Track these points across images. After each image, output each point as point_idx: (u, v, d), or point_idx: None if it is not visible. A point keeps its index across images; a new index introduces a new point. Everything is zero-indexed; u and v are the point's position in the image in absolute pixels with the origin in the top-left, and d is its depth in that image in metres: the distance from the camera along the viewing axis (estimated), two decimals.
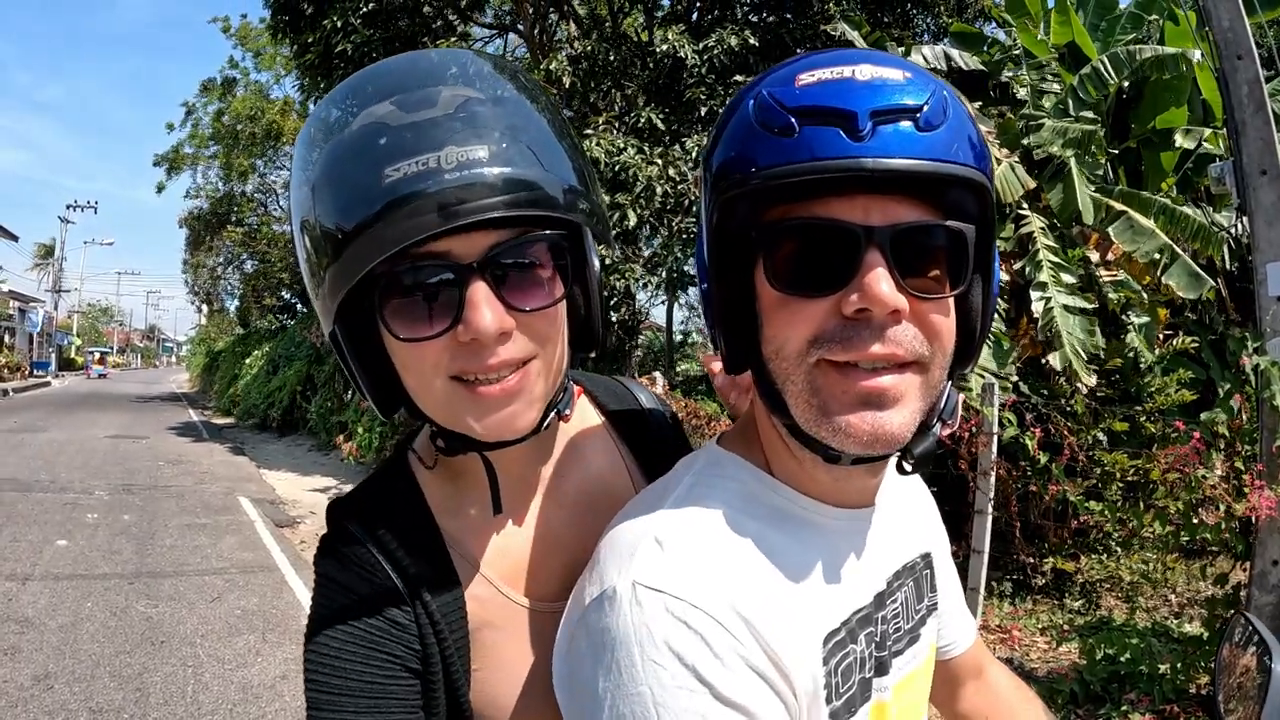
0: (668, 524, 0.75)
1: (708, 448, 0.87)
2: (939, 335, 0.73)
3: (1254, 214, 3.57)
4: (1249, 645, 1.17)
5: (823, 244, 0.70)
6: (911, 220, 0.70)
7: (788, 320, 0.72)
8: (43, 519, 8.51)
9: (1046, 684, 4.42)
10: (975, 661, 1.11)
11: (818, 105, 0.68)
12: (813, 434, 0.73)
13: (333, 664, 0.80)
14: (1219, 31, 3.56)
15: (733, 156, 0.73)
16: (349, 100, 0.79)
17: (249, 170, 26.62)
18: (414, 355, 0.77)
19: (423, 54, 0.84)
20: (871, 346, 0.69)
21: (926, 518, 1.02)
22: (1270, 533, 3.66)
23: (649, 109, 9.50)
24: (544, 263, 0.78)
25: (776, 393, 0.75)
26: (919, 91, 0.69)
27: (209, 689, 4.62)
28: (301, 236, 0.78)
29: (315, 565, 0.87)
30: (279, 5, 11.96)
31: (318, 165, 0.77)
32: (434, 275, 0.74)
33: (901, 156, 0.67)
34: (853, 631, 0.79)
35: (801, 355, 0.72)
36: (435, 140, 0.71)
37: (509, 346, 0.76)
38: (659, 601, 0.68)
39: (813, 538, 0.80)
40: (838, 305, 0.70)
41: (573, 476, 0.95)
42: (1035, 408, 5.57)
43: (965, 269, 0.73)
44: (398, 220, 0.69)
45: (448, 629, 0.82)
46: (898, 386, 0.71)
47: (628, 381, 1.11)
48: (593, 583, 0.73)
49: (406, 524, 0.86)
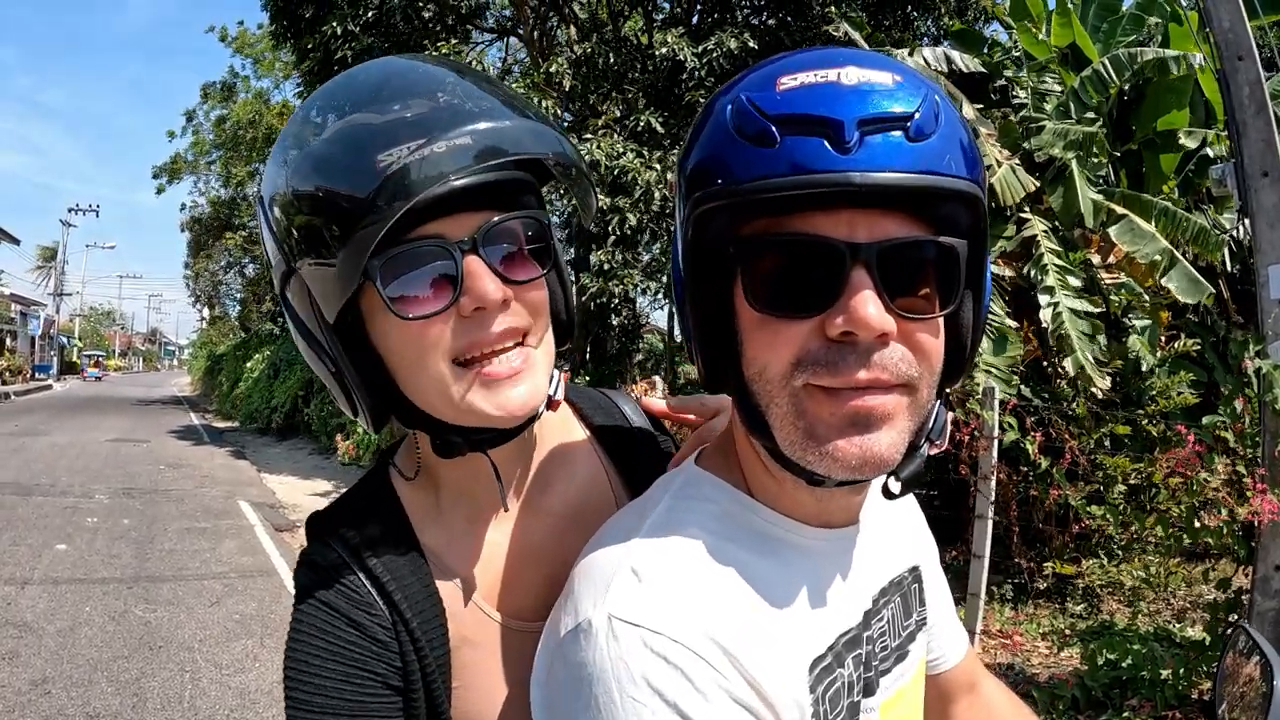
0: (644, 553, 0.71)
1: (685, 466, 0.84)
2: (927, 356, 0.69)
3: (1255, 216, 3.54)
4: (1251, 655, 1.16)
5: (806, 261, 0.66)
6: (900, 236, 0.66)
7: (769, 341, 0.69)
8: (43, 523, 8.52)
9: (1048, 689, 4.40)
10: (968, 676, 1.07)
11: (800, 113, 0.64)
12: (797, 459, 0.70)
13: (313, 681, 0.79)
14: (1220, 33, 3.54)
15: (708, 165, 0.69)
16: (326, 106, 0.81)
17: (249, 176, 26.63)
18: (415, 337, 0.77)
19: (385, 64, 0.86)
20: (858, 372, 0.65)
21: (914, 530, 0.99)
22: (1273, 537, 3.63)
23: (648, 113, 9.50)
24: (525, 242, 0.81)
25: (759, 415, 0.71)
26: (909, 97, 0.65)
27: (206, 694, 4.60)
28: (289, 231, 0.78)
29: (295, 580, 0.86)
30: (278, 11, 11.98)
31: (306, 163, 0.78)
32: (430, 255, 0.76)
33: (891, 169, 0.63)
34: (839, 655, 0.77)
35: (785, 378, 0.68)
36: (419, 129, 0.74)
37: (508, 316, 0.78)
38: (636, 636, 0.65)
39: (795, 560, 0.77)
40: (821, 326, 0.66)
41: (556, 489, 0.94)
42: (1036, 411, 5.55)
43: (957, 286, 0.70)
44: (396, 191, 0.72)
45: (428, 646, 0.82)
46: (885, 405, 0.67)
47: (613, 394, 1.09)
48: (568, 612, 0.71)
49: (386, 539, 0.85)
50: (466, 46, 11.45)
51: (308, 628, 0.81)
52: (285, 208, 0.78)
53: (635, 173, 8.60)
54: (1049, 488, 5.22)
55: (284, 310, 0.85)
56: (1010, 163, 6.56)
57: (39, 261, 54.12)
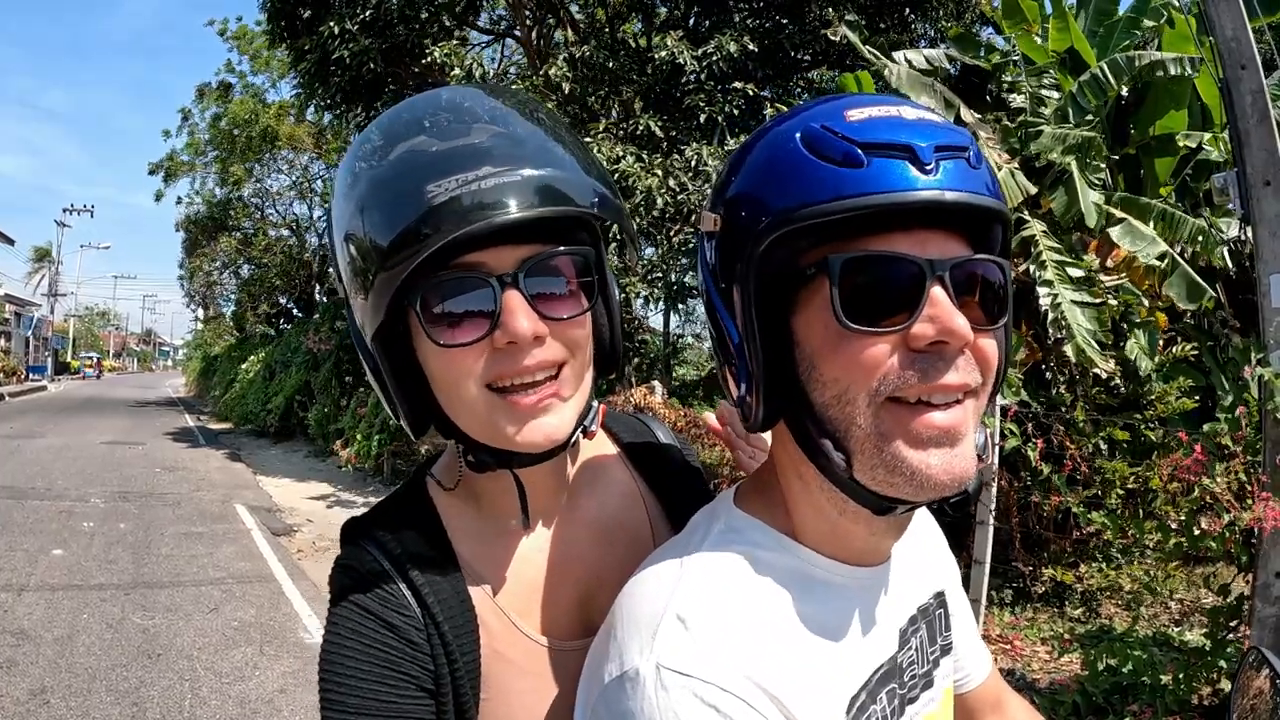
0: (688, 599, 0.72)
1: (726, 508, 0.84)
2: (990, 364, 0.72)
3: (1257, 225, 3.55)
4: (1262, 669, 1.18)
5: (889, 278, 0.68)
6: (965, 255, 0.70)
7: (853, 359, 0.69)
8: (38, 528, 8.48)
9: (1049, 695, 4.41)
10: (993, 695, 1.08)
11: (882, 138, 0.68)
12: (878, 484, 0.70)
13: (349, 683, 0.80)
14: (1223, 41, 3.54)
15: (775, 190, 0.71)
16: (389, 129, 0.84)
17: (244, 177, 26.53)
18: (451, 363, 0.79)
19: (457, 90, 0.89)
20: (946, 376, 0.68)
21: (938, 553, 1.00)
22: (1274, 544, 3.63)
23: (647, 116, 9.48)
24: (571, 276, 0.83)
25: (836, 441, 0.71)
26: (960, 133, 0.70)
27: (206, 704, 4.58)
28: (345, 247, 0.82)
29: (330, 585, 0.88)
30: (275, 10, 11.94)
31: (362, 186, 0.81)
32: (470, 285, 0.78)
33: (966, 190, 0.67)
34: (873, 691, 0.78)
35: (871, 395, 0.69)
36: (474, 161, 0.76)
37: (542, 350, 0.79)
38: (686, 686, 0.66)
39: (833, 600, 0.78)
40: (903, 340, 0.68)
41: (589, 506, 0.96)
42: (1036, 417, 5.55)
43: (1006, 301, 0.73)
44: (440, 223, 0.74)
45: (459, 652, 0.83)
46: (964, 420, 0.70)
47: (647, 419, 1.12)
48: (613, 659, 0.71)
49: (421, 546, 0.87)
50: (463, 48, 11.40)
51: (343, 629, 0.82)
52: (342, 230, 0.83)
53: (635, 177, 8.58)
54: (1049, 494, 5.22)
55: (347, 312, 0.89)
56: (1010, 166, 6.57)
57: (33, 262, 53.99)
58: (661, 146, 9.43)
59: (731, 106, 9.47)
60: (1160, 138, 7.65)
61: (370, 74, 11.29)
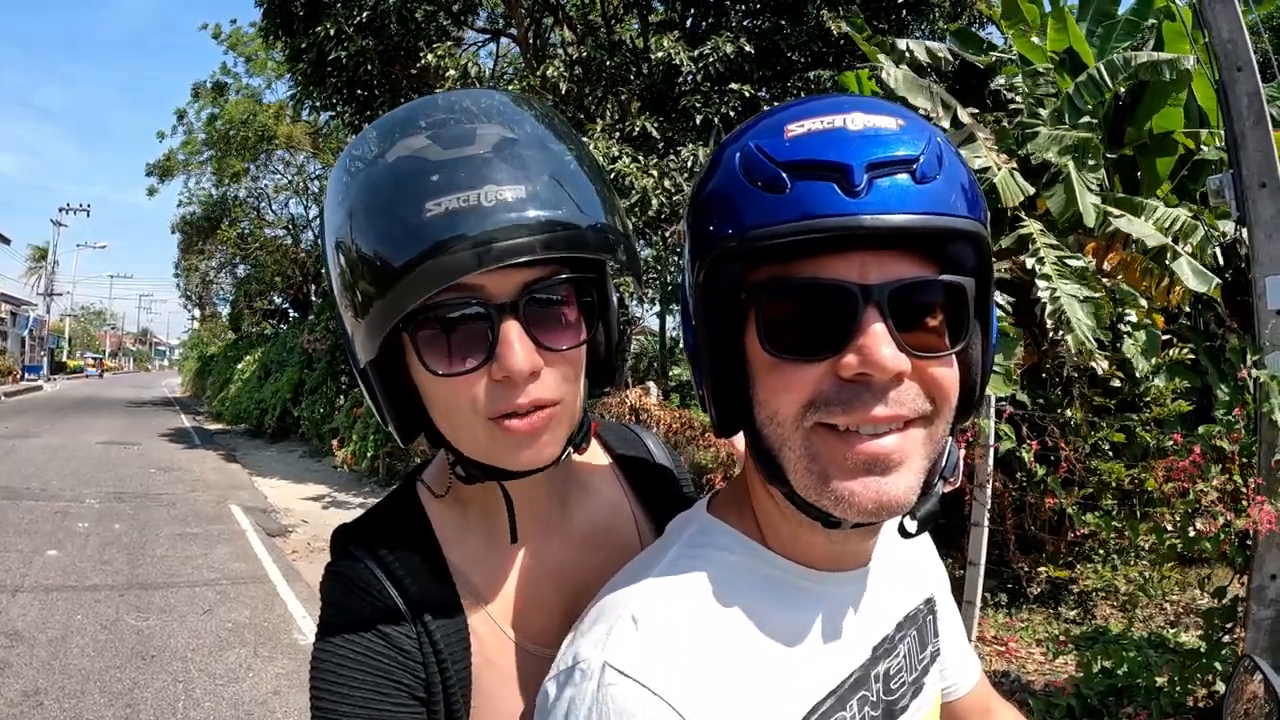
0: (647, 600, 0.73)
1: (698, 514, 0.84)
2: (943, 390, 0.70)
3: (1253, 227, 3.54)
4: (1255, 675, 1.21)
5: (818, 304, 0.67)
6: (910, 277, 0.67)
7: (781, 385, 0.69)
8: (33, 528, 8.45)
9: (1043, 697, 4.40)
10: (982, 703, 1.08)
11: (809, 159, 0.65)
12: (813, 502, 0.70)
13: (340, 691, 0.79)
14: (1219, 43, 3.54)
15: (717, 213, 0.70)
16: (387, 133, 0.81)
17: (241, 174, 26.48)
18: (445, 390, 0.78)
19: (459, 93, 0.87)
20: (874, 409, 0.66)
21: (926, 559, 0.99)
22: (1269, 547, 3.63)
23: (643, 117, 9.47)
24: (572, 302, 0.81)
25: (772, 459, 0.71)
26: (914, 141, 0.66)
27: (200, 705, 4.56)
28: (336, 255, 0.79)
29: (321, 591, 0.87)
30: (271, 8, 11.90)
31: (355, 190, 0.78)
32: (468, 311, 0.75)
33: (900, 212, 0.64)
34: (843, 698, 0.77)
35: (797, 420, 0.68)
36: (475, 178, 0.73)
37: (538, 386, 0.78)
38: (622, 685, 0.66)
39: (803, 606, 0.77)
40: (834, 368, 0.66)
41: (579, 514, 0.96)
42: (1031, 418, 5.55)
43: (966, 323, 0.70)
44: (441, 259, 0.71)
45: (450, 659, 0.83)
46: (902, 449, 0.68)
47: (638, 429, 1.13)
48: (573, 646, 0.72)
49: (412, 552, 0.86)
50: (459, 48, 11.38)
51: (335, 637, 0.82)
52: (339, 247, 0.79)
53: (631, 177, 8.57)
54: (1044, 495, 5.22)
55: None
56: (1008, 167, 6.57)
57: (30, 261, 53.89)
58: (658, 147, 9.42)
59: (727, 108, 9.46)
60: (1157, 138, 7.65)
61: (367, 75, 11.26)
